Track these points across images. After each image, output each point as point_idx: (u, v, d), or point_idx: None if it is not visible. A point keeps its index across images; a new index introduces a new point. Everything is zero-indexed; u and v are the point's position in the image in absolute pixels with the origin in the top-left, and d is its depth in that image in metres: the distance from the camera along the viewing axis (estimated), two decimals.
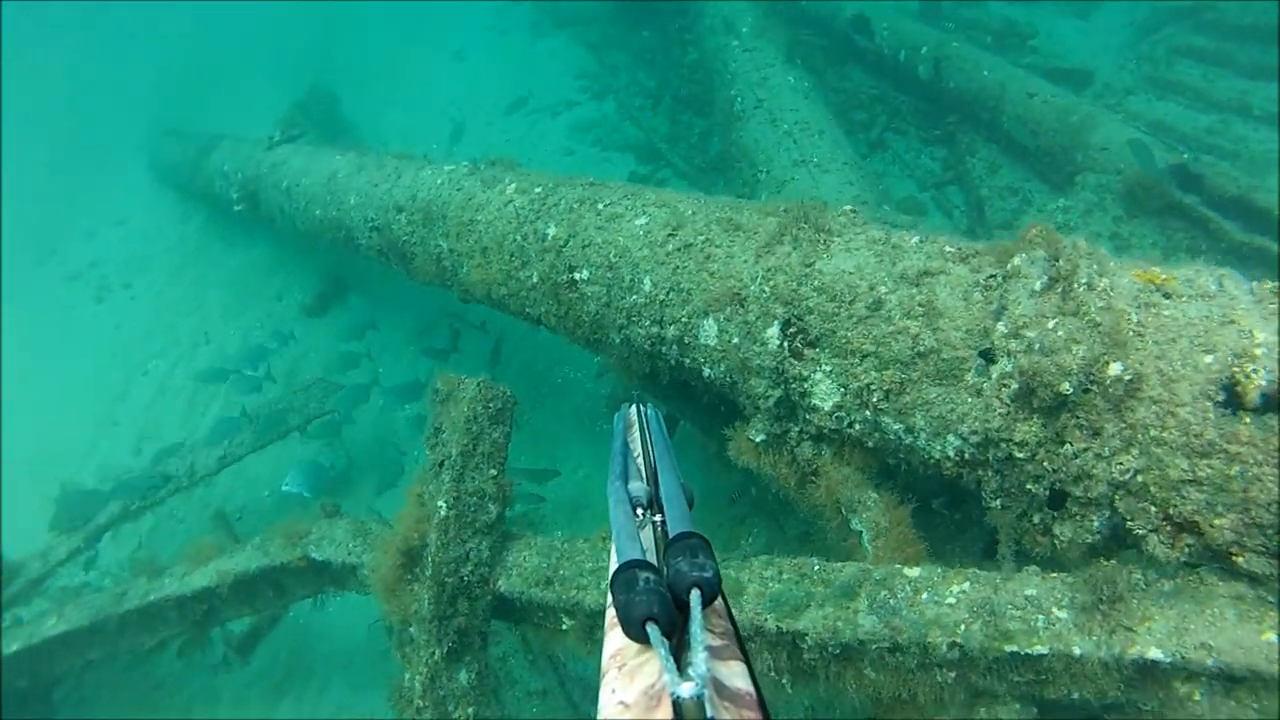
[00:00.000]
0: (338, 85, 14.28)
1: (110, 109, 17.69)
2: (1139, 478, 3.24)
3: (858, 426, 4.08)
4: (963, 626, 3.28)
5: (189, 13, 20.34)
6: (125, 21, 21.33)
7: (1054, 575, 3.40)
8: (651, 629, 1.27)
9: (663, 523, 1.68)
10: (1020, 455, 3.51)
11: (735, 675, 1.25)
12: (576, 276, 5.17)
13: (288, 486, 7.88)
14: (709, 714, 1.07)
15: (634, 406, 2.22)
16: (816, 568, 3.78)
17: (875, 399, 3.93)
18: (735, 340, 4.37)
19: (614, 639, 1.39)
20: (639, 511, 1.75)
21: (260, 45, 17.55)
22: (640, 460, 1.99)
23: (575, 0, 15.48)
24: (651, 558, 1.52)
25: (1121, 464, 3.27)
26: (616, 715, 1.20)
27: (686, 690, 1.08)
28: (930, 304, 3.79)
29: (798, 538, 5.72)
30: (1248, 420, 3.07)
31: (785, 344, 4.17)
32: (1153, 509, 3.23)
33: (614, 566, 1.49)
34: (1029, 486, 3.56)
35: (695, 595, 1.32)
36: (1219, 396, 3.13)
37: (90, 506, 7.89)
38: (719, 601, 1.44)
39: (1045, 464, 3.46)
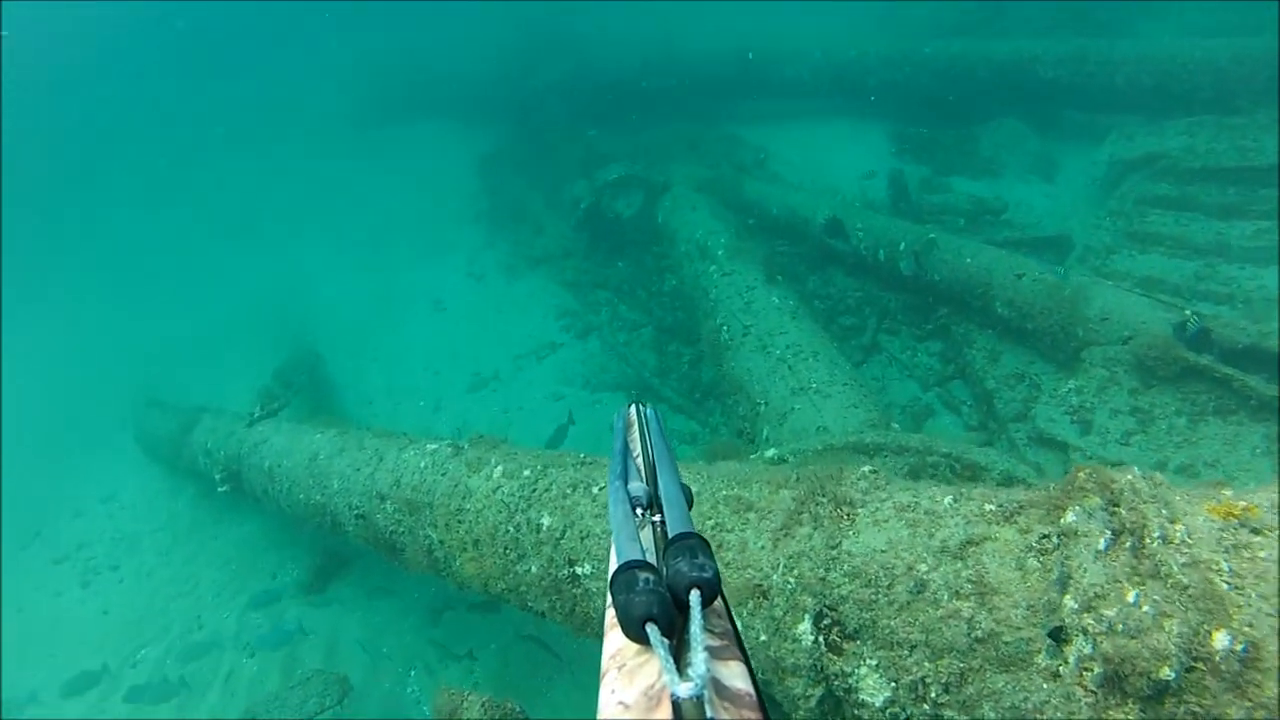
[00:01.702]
0: (319, 343, 14.24)
1: (94, 382, 17.63)
2: None
3: None
4: None
5: (169, 283, 20.89)
6: (106, 291, 21.85)
7: None
8: (651, 629, 1.25)
9: (662, 523, 1.65)
10: None
11: (735, 675, 1.24)
12: (578, 571, 4.69)
13: None
14: (708, 714, 1.06)
15: (634, 406, 2.16)
16: None
17: (933, 693, 3.35)
18: (763, 638, 3.82)
19: (613, 639, 1.37)
20: (639, 511, 1.72)
21: (241, 307, 17.77)
22: (640, 460, 1.95)
23: (547, 238, 15.67)
24: (651, 558, 1.49)
25: None
26: (616, 715, 1.17)
27: (686, 690, 1.07)
28: (981, 579, 3.29)
29: None
30: None
31: (821, 639, 3.63)
32: None
33: (613, 566, 1.47)
34: None
35: (695, 595, 1.31)
36: None
37: None
38: (719, 602, 1.44)
39: None
